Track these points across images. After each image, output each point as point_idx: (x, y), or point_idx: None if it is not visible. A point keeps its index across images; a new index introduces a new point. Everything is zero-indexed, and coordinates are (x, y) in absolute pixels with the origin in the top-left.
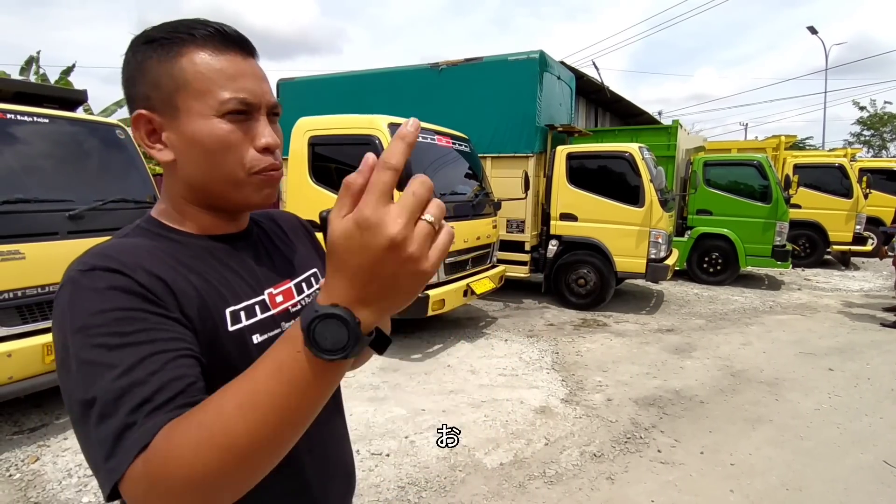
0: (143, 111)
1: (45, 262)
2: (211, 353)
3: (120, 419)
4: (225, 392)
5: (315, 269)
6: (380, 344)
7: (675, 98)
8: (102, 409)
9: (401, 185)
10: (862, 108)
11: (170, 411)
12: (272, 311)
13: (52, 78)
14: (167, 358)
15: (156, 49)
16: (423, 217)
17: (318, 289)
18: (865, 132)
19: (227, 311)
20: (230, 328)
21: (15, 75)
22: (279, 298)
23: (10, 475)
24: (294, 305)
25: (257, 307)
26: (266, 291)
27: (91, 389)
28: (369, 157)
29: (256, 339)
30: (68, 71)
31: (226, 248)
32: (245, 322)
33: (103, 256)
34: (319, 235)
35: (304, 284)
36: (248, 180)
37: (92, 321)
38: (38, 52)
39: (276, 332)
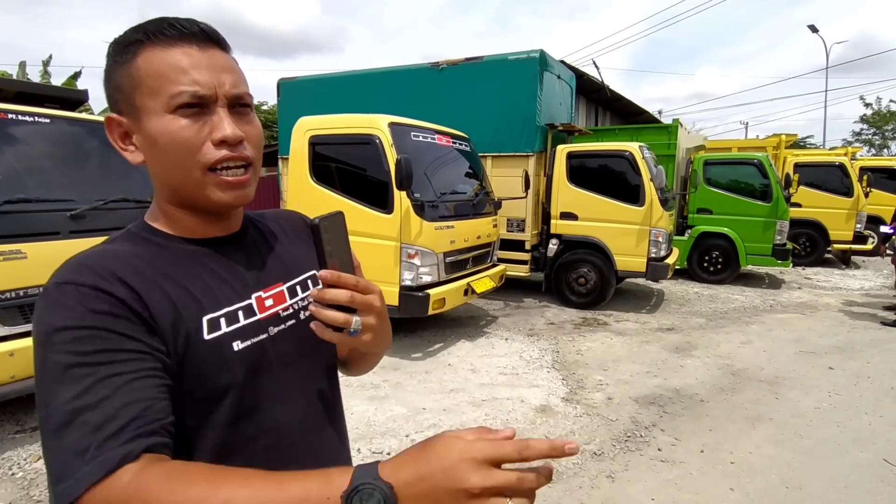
0: (113, 115)
1: (47, 261)
2: (185, 363)
3: (70, 444)
4: (240, 487)
5: (314, 271)
6: None
7: (676, 97)
8: (55, 429)
9: (402, 184)
10: (868, 105)
11: (122, 443)
12: (258, 316)
13: (58, 81)
14: (122, 381)
15: (118, 53)
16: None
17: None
18: (867, 131)
19: (204, 319)
20: (206, 337)
21: (16, 76)
22: (269, 302)
23: (13, 474)
24: (285, 310)
25: (240, 312)
26: (254, 295)
27: (46, 406)
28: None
29: (237, 345)
30: (76, 76)
31: (211, 253)
32: (225, 329)
33: (81, 268)
34: None
35: (298, 287)
36: (206, 179)
37: (55, 338)
38: (50, 57)
39: (263, 336)
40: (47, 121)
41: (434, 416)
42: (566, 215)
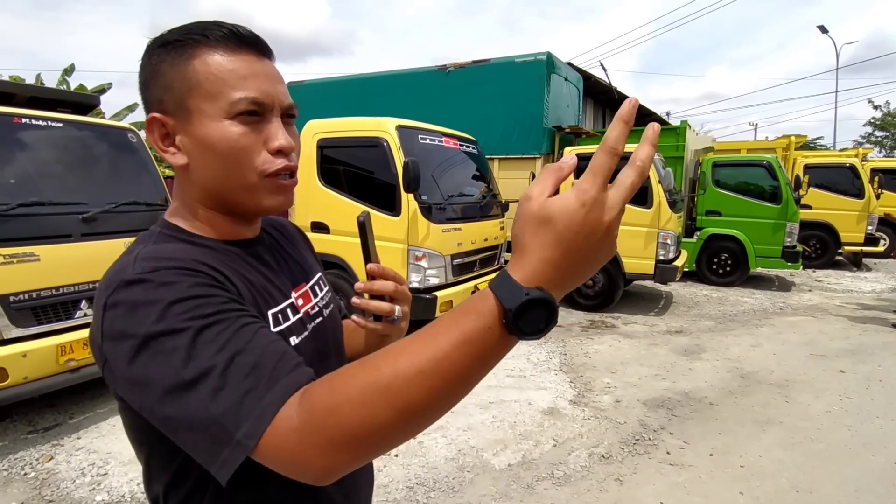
0: (157, 114)
1: (59, 263)
2: None
3: (236, 388)
4: (399, 355)
5: (320, 273)
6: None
7: (685, 98)
8: (211, 385)
9: (410, 187)
10: (877, 108)
11: (287, 372)
12: (300, 314)
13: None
14: (256, 328)
15: (169, 52)
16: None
17: (328, 292)
18: (878, 132)
19: (270, 313)
20: (274, 329)
21: (30, 81)
22: (300, 301)
23: (26, 474)
24: (313, 308)
25: (289, 310)
26: (292, 294)
27: (188, 370)
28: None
29: (294, 340)
30: (102, 90)
31: (251, 253)
32: (283, 324)
33: (159, 259)
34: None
35: (316, 287)
36: (260, 184)
37: (174, 310)
38: (72, 66)
39: (306, 333)
40: (60, 125)
41: (441, 419)
42: None
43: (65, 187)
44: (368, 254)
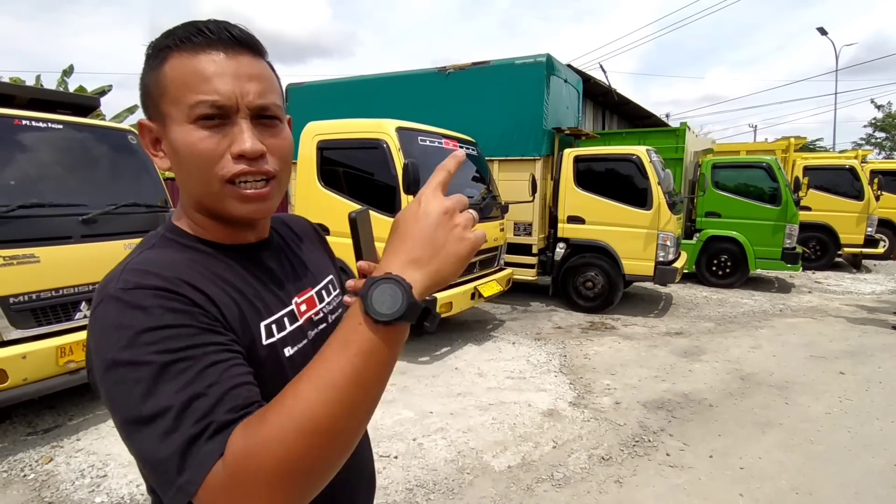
0: (144, 120)
1: (59, 265)
2: (249, 365)
3: (185, 433)
4: (299, 379)
5: (331, 276)
6: (428, 318)
7: (686, 99)
8: (164, 426)
9: (410, 188)
10: (879, 108)
11: (235, 419)
12: (300, 322)
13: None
14: (222, 368)
15: (148, 58)
16: (467, 210)
17: (338, 295)
18: (878, 134)
19: (262, 324)
20: (265, 342)
21: (30, 82)
22: (303, 307)
23: (25, 475)
24: (317, 314)
25: (286, 319)
26: (293, 301)
27: (146, 406)
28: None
29: (288, 351)
30: (103, 93)
31: (250, 259)
32: (277, 335)
33: (144, 273)
34: (331, 239)
35: (324, 292)
36: (222, 191)
37: (142, 339)
38: (71, 67)
39: (304, 342)
40: (60, 126)
41: (441, 420)
42: (573, 219)
43: (65, 189)
44: (360, 251)
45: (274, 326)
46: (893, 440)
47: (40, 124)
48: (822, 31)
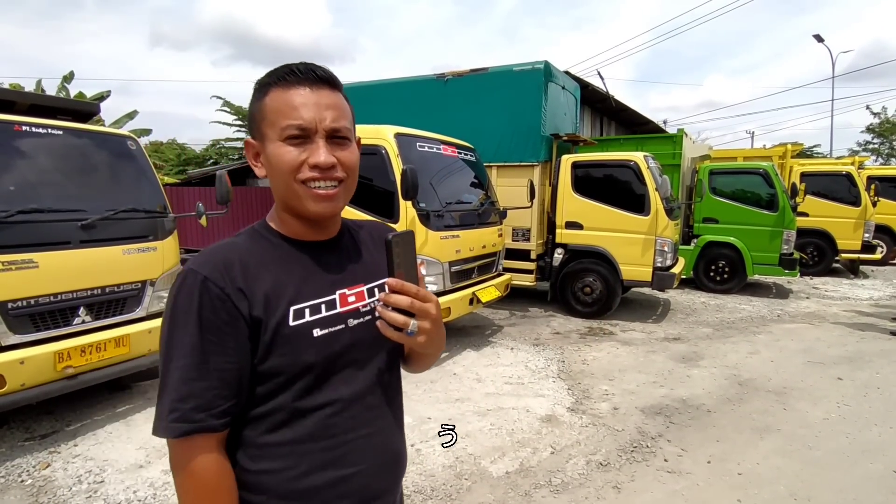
0: (249, 139)
1: (58, 270)
2: (274, 343)
3: (165, 404)
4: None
5: (386, 279)
6: None
7: (683, 106)
8: (162, 385)
9: (408, 194)
10: (875, 114)
11: (211, 416)
12: (339, 310)
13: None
14: (218, 368)
15: (255, 92)
16: None
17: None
18: (874, 140)
19: (292, 308)
20: (291, 323)
21: (30, 88)
22: (351, 298)
23: (22, 481)
24: (364, 306)
25: (323, 306)
26: (338, 292)
27: (162, 363)
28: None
29: (317, 332)
30: (101, 98)
31: (309, 253)
32: (307, 318)
33: (210, 256)
34: None
35: (375, 289)
36: (300, 190)
37: (177, 318)
38: (72, 73)
39: (340, 326)
40: (59, 132)
41: (439, 426)
42: (571, 224)
43: (64, 194)
44: (392, 270)
45: (307, 310)
46: (892, 446)
47: (40, 130)
48: (819, 39)
